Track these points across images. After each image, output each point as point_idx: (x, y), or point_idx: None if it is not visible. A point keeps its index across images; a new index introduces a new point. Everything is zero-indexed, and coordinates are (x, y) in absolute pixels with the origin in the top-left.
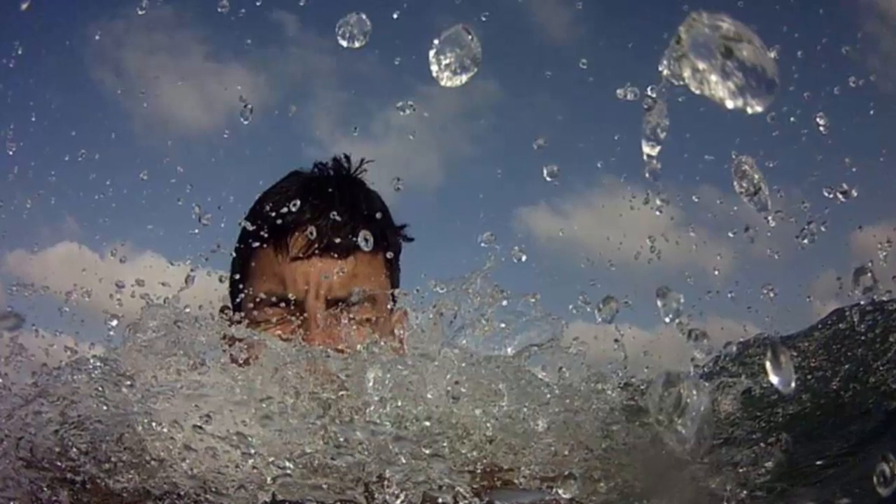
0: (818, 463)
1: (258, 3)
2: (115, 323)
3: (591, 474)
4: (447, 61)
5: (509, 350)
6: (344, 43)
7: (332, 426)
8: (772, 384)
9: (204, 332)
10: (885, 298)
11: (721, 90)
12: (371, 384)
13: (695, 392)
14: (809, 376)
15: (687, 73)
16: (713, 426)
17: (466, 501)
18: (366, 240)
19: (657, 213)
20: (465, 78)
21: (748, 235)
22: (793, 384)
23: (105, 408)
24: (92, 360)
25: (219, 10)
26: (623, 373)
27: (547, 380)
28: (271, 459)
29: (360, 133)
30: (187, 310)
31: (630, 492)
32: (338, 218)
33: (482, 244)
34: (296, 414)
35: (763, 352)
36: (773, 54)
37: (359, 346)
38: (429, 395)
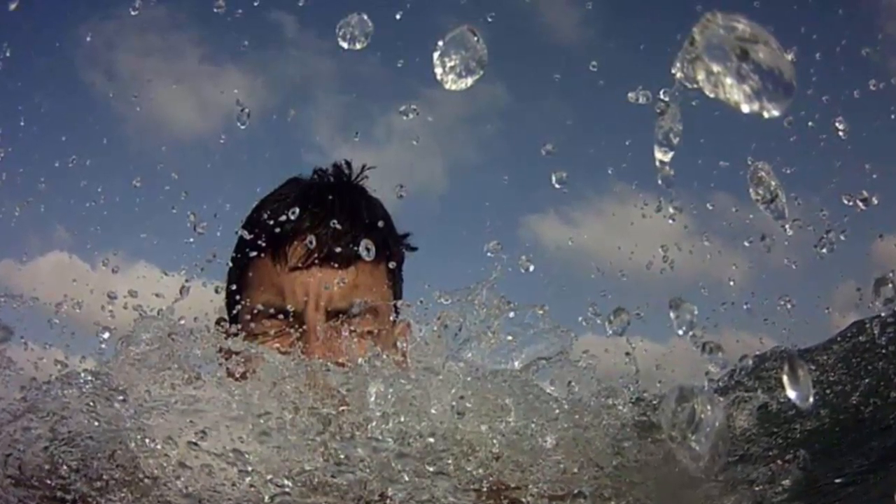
0: (837, 481)
1: (255, 4)
2: (106, 335)
3: (602, 493)
4: (452, 63)
5: (516, 364)
6: (345, 44)
7: (333, 443)
8: (789, 399)
9: (199, 345)
10: None
11: (736, 94)
12: (373, 399)
13: (709, 407)
14: (828, 391)
15: (701, 76)
16: (728, 443)
17: None
18: (367, 249)
19: (670, 221)
20: (470, 81)
21: (765, 244)
22: (811, 399)
23: (97, 423)
24: (83, 374)
25: (215, 10)
26: (635, 387)
27: (555, 394)
28: (269, 477)
29: (362, 138)
30: (182, 322)
31: None
32: (338, 226)
33: (488, 253)
34: (295, 430)
35: (780, 365)
36: (790, 56)
37: (360, 360)
38: (433, 411)
